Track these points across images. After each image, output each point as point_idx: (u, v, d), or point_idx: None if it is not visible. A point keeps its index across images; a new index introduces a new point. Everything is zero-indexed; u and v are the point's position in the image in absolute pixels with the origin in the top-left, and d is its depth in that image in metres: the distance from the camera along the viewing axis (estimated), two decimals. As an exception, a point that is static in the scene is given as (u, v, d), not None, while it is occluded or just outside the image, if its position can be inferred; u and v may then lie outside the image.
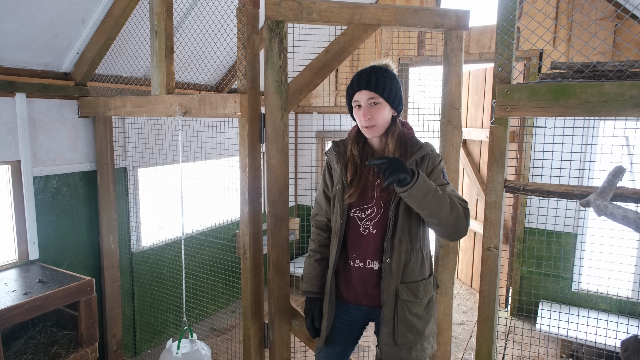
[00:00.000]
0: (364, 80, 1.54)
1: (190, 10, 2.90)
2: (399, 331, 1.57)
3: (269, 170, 2.01)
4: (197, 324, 3.50)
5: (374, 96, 1.54)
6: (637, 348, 1.31)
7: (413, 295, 1.58)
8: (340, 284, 1.70)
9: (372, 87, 1.53)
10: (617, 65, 1.49)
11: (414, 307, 1.59)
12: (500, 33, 1.63)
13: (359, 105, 1.57)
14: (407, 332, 1.58)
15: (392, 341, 1.59)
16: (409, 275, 1.59)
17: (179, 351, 2.04)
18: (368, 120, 1.54)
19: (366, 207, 1.62)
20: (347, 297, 1.70)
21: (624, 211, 1.29)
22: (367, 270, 1.63)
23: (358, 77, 1.56)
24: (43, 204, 2.51)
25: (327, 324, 1.69)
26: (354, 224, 1.64)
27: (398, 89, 1.59)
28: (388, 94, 1.55)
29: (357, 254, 1.64)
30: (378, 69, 1.57)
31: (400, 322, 1.57)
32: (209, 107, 2.06)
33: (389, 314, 1.58)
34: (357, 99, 1.57)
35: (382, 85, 1.53)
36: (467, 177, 4.27)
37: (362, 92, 1.54)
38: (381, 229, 1.60)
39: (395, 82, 1.58)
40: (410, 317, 1.58)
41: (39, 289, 2.06)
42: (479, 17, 3.69)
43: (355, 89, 1.56)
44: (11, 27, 2.15)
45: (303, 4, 1.88)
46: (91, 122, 2.72)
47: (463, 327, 3.70)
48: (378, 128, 1.57)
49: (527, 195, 2.13)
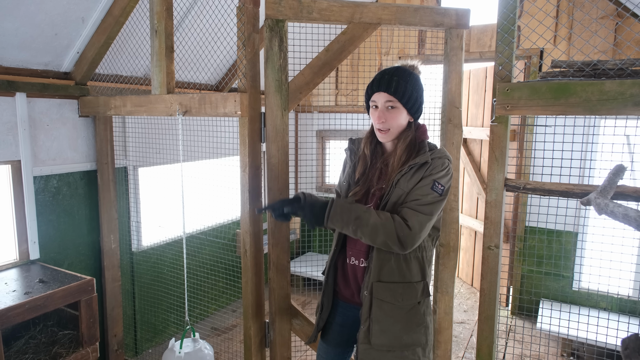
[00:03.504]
0: (384, 82, 1.49)
1: (190, 10, 2.89)
2: (373, 330, 1.53)
3: (269, 170, 2.01)
4: (198, 323, 3.50)
5: (391, 100, 1.49)
6: (638, 346, 1.31)
7: (390, 296, 1.53)
8: (339, 281, 1.71)
9: (392, 91, 1.48)
10: (618, 64, 1.48)
11: (391, 309, 1.53)
12: (501, 32, 1.63)
13: (376, 106, 1.53)
14: (381, 333, 1.53)
15: (367, 340, 1.56)
16: (386, 275, 1.53)
17: (182, 350, 2.04)
18: (382, 123, 1.51)
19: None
20: (345, 294, 1.70)
21: (624, 210, 1.29)
22: (360, 268, 1.64)
23: (380, 77, 1.52)
24: (43, 204, 2.51)
25: (323, 317, 1.70)
26: None
27: (419, 95, 1.53)
28: (407, 99, 1.49)
29: (353, 252, 1.65)
30: (402, 71, 1.52)
31: (375, 321, 1.53)
32: (209, 106, 2.06)
33: (366, 312, 1.56)
34: (375, 100, 1.53)
35: (402, 90, 1.48)
36: (467, 176, 4.27)
37: (380, 93, 1.50)
38: None
39: (418, 87, 1.52)
40: (384, 318, 1.53)
41: (40, 289, 2.06)
42: (479, 15, 3.68)
43: (375, 90, 1.52)
44: (11, 26, 2.14)
45: (303, 3, 1.88)
46: (91, 122, 2.72)
47: (464, 326, 3.70)
48: (391, 133, 1.54)
49: (528, 194, 2.13)
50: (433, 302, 2.10)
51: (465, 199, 4.37)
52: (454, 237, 2.02)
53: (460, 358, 3.22)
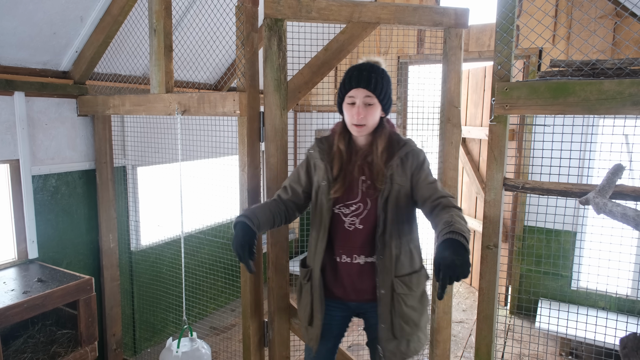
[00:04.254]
0: (364, 79, 1.53)
1: (189, 9, 2.89)
2: (397, 325, 1.59)
3: (268, 169, 2.01)
4: (197, 322, 3.50)
5: (370, 95, 1.54)
6: (636, 345, 1.32)
7: (407, 288, 1.61)
8: (328, 281, 1.70)
9: (371, 88, 1.53)
10: (617, 63, 1.48)
11: (409, 299, 1.61)
12: (500, 31, 1.62)
13: (353, 102, 1.56)
14: (405, 324, 1.60)
15: (391, 336, 1.60)
16: (400, 269, 1.61)
17: (179, 350, 2.03)
18: (361, 119, 1.55)
19: (351, 203, 1.62)
20: (337, 293, 1.70)
21: (623, 209, 1.29)
22: (354, 266, 1.64)
23: (358, 73, 1.55)
24: (42, 203, 2.51)
25: (320, 322, 1.68)
26: (338, 219, 1.64)
27: (391, 92, 1.62)
28: (383, 96, 1.57)
29: (344, 250, 1.64)
30: (377, 68, 1.57)
31: (398, 316, 1.59)
32: (208, 105, 2.06)
33: (386, 310, 1.60)
34: (352, 95, 1.56)
35: (380, 87, 1.54)
36: (466, 176, 4.27)
37: (359, 89, 1.54)
38: (368, 224, 1.61)
39: (390, 84, 1.61)
40: (406, 310, 1.60)
41: (38, 288, 2.06)
42: (478, 15, 3.68)
43: (353, 85, 1.55)
44: (9, 25, 2.14)
45: (302, 2, 1.88)
46: (90, 121, 2.72)
47: (462, 325, 3.70)
48: (367, 128, 1.59)
49: (527, 193, 2.13)
50: (432, 301, 2.11)
51: (464, 198, 4.37)
52: (453, 236, 2.01)
53: (459, 357, 3.22)
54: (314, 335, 1.71)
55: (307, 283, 1.72)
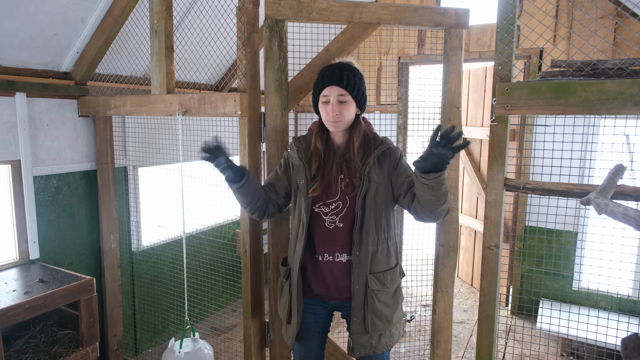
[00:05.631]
0: (336, 77, 1.57)
1: (190, 10, 2.89)
2: (369, 320, 1.62)
3: (268, 170, 2.01)
4: (198, 323, 3.50)
5: (343, 93, 1.58)
6: (638, 346, 1.31)
7: (381, 285, 1.63)
8: (309, 279, 1.71)
9: (344, 85, 1.57)
10: (617, 63, 1.48)
11: (382, 295, 1.64)
12: (501, 31, 1.63)
13: (327, 100, 1.60)
14: (377, 320, 1.63)
15: (362, 330, 1.63)
16: (376, 266, 1.63)
17: (182, 350, 2.04)
18: (336, 116, 1.58)
19: (330, 201, 1.64)
20: (318, 292, 1.71)
21: (624, 209, 1.29)
22: (337, 264, 1.65)
23: (330, 72, 1.59)
24: (43, 204, 2.51)
25: (297, 320, 1.69)
26: (318, 218, 1.66)
27: (364, 89, 1.65)
28: (357, 92, 1.60)
29: (326, 248, 1.66)
30: (349, 67, 1.61)
31: (370, 311, 1.62)
32: (209, 106, 2.06)
33: (359, 304, 1.62)
34: (326, 94, 1.60)
35: (352, 84, 1.58)
36: (467, 176, 4.27)
37: (332, 87, 1.58)
38: (348, 222, 1.63)
39: (363, 82, 1.64)
40: (379, 306, 1.63)
41: (40, 289, 2.06)
42: (479, 15, 3.68)
43: (326, 84, 1.59)
44: (11, 26, 2.14)
45: (303, 3, 1.88)
46: (91, 122, 2.72)
47: (464, 325, 3.70)
48: (343, 123, 1.62)
49: (528, 194, 2.13)
50: (433, 301, 2.10)
51: (465, 198, 4.37)
52: (454, 236, 2.01)
53: (460, 358, 3.22)
54: (291, 333, 1.73)
55: (287, 282, 1.74)
